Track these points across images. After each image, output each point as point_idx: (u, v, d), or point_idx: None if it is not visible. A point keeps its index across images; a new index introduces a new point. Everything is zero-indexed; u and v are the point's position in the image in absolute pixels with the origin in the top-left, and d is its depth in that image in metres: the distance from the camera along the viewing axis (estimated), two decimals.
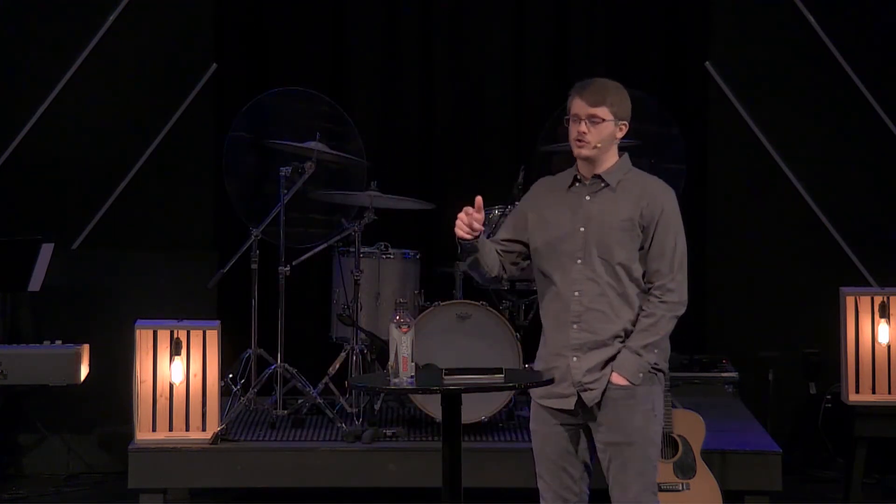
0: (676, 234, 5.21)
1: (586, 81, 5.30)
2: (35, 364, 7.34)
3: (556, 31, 8.97)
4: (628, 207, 5.19)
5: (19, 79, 8.62)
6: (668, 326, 5.18)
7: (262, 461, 7.31)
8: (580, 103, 5.24)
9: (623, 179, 5.26)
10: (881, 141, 8.70)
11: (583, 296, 5.18)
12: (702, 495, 6.67)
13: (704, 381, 8.47)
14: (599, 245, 5.17)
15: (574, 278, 5.19)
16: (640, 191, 5.22)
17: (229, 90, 8.81)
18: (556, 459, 5.27)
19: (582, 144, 5.24)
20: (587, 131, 5.23)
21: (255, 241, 7.73)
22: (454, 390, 5.00)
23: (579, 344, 5.18)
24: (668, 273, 5.17)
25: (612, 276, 5.17)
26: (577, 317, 5.18)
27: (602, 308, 5.16)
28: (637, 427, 5.16)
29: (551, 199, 5.30)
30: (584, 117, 5.23)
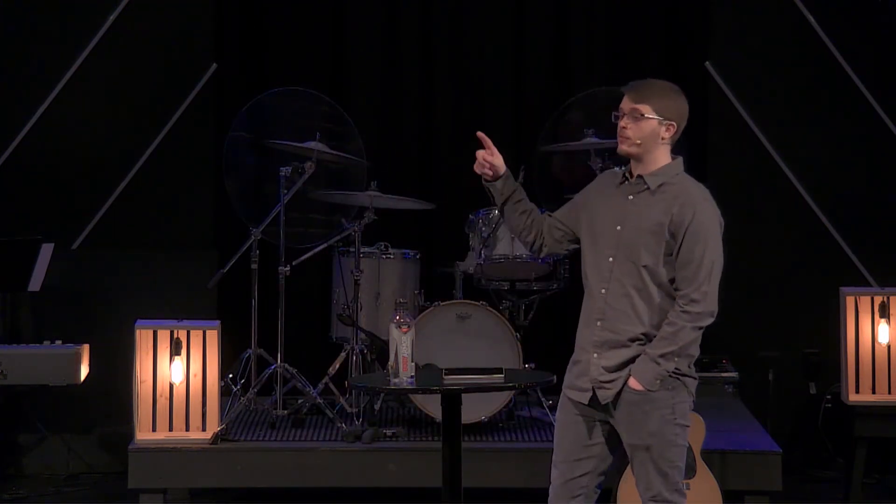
0: (706, 243, 5.14)
1: (638, 80, 5.32)
2: (35, 364, 7.34)
3: (556, 31, 8.97)
4: (661, 212, 5.16)
5: (20, 78, 8.62)
6: (690, 336, 5.13)
7: (262, 461, 7.31)
8: (626, 99, 5.27)
9: (666, 183, 5.21)
10: (881, 141, 8.69)
11: (608, 294, 5.19)
12: (702, 495, 6.67)
13: (704, 381, 8.40)
14: (629, 246, 5.17)
15: (604, 276, 5.21)
16: (675, 197, 5.18)
17: (229, 90, 8.81)
18: (570, 449, 5.26)
19: (622, 140, 5.25)
20: (627, 126, 5.24)
21: (255, 241, 7.74)
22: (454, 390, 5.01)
23: (601, 341, 5.20)
24: (692, 282, 5.12)
25: (637, 278, 5.16)
26: (602, 314, 5.20)
27: (624, 308, 5.17)
28: (652, 431, 5.14)
29: (604, 194, 5.32)
30: (626, 112, 5.25)
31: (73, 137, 8.64)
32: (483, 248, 7.70)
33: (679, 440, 5.19)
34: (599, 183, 5.41)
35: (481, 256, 7.70)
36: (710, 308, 5.13)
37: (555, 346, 8.72)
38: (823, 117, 8.75)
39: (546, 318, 8.36)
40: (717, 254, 5.17)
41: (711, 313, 5.15)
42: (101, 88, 8.65)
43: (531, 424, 7.70)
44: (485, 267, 7.75)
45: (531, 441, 7.47)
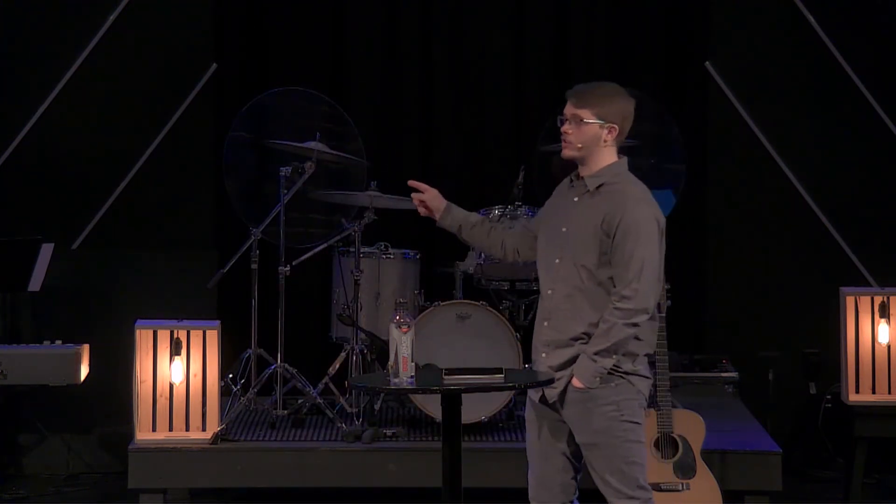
0: (637, 241, 5.23)
1: (583, 83, 5.44)
2: (35, 364, 7.34)
3: (556, 31, 8.97)
4: (597, 213, 5.29)
5: (20, 78, 8.62)
6: (623, 333, 5.21)
7: (262, 461, 7.30)
8: (568, 104, 5.39)
9: (606, 184, 5.34)
10: (881, 140, 8.69)
11: (554, 294, 5.33)
12: (702, 495, 6.67)
13: (704, 381, 8.47)
14: (573, 247, 5.30)
15: (551, 277, 5.36)
16: (611, 197, 5.30)
17: (229, 90, 8.81)
18: (538, 448, 5.40)
19: (565, 144, 5.38)
20: (569, 131, 5.35)
21: (255, 241, 7.73)
22: (454, 390, 5.01)
23: (549, 341, 5.33)
24: (624, 280, 5.22)
25: (578, 278, 5.28)
26: (549, 314, 5.34)
27: (568, 308, 5.30)
28: (597, 429, 5.24)
29: (558, 198, 5.48)
30: (568, 117, 5.36)
31: (73, 137, 8.64)
32: None
33: (631, 436, 5.26)
34: (559, 187, 5.54)
35: (481, 256, 7.71)
36: (642, 305, 5.22)
37: None
38: (824, 117, 8.75)
39: None
40: (649, 252, 5.25)
41: (645, 310, 5.23)
42: (101, 88, 8.65)
43: None
44: (485, 267, 7.75)
45: None
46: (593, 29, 8.96)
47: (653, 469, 6.63)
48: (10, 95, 8.62)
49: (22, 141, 8.61)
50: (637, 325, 5.22)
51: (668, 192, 8.15)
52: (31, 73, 8.62)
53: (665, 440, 6.69)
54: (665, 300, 6.87)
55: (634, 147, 7.92)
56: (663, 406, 6.70)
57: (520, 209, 7.70)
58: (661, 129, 8.17)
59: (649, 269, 5.23)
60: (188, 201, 8.70)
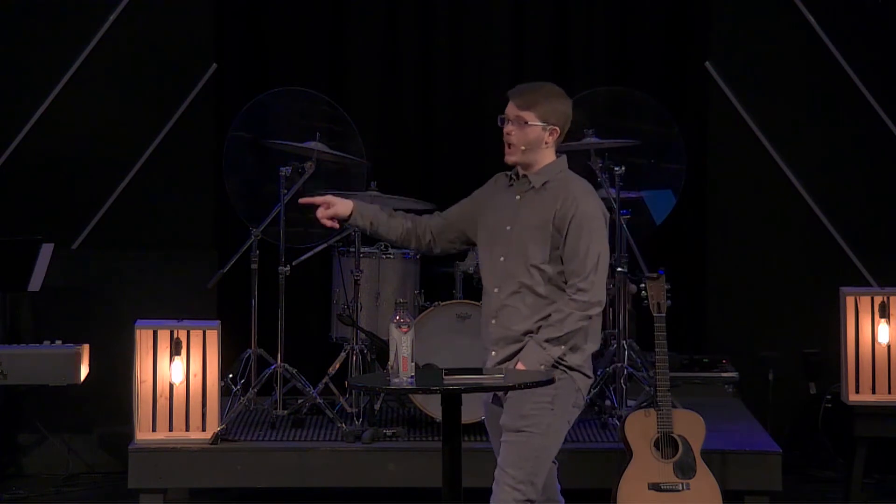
0: (591, 235, 5.32)
1: (524, 84, 5.48)
2: (35, 364, 7.33)
3: (556, 30, 8.97)
4: (547, 209, 5.35)
5: (19, 79, 8.62)
6: (576, 324, 5.30)
7: (262, 461, 7.31)
8: (510, 105, 5.43)
9: (550, 181, 5.39)
10: (881, 141, 8.69)
11: (501, 292, 5.37)
12: (702, 495, 6.67)
13: (704, 381, 8.47)
14: (519, 245, 5.35)
15: (497, 275, 5.39)
16: (559, 193, 5.36)
17: (229, 90, 8.81)
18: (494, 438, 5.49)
19: (509, 150, 5.43)
20: (511, 133, 5.40)
21: (255, 241, 7.73)
22: (454, 390, 5.00)
23: (497, 338, 5.39)
24: (580, 273, 5.29)
25: (527, 276, 5.33)
26: (496, 312, 5.38)
27: (517, 305, 5.35)
28: (524, 414, 5.28)
29: (496, 196, 5.49)
30: (511, 118, 5.40)
31: (72, 137, 8.64)
32: None
33: (553, 431, 5.31)
34: (492, 185, 5.56)
35: None
36: (597, 297, 5.31)
37: None
38: (823, 117, 8.75)
39: None
40: (602, 245, 5.35)
41: (599, 302, 5.32)
42: (100, 89, 8.65)
43: None
44: None
45: None
46: (593, 29, 8.96)
47: (653, 469, 6.64)
48: (10, 95, 8.62)
49: (22, 141, 8.61)
50: (591, 317, 5.31)
51: (668, 192, 8.15)
52: (31, 73, 8.62)
53: (665, 440, 6.69)
54: (665, 300, 6.87)
55: (634, 147, 7.96)
56: (663, 406, 6.70)
57: None
58: (661, 129, 8.17)
59: (603, 263, 5.34)
60: (188, 201, 8.70)
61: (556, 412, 5.32)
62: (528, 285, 5.33)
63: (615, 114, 8.18)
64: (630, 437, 6.71)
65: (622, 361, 7.62)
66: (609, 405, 7.65)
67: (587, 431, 7.59)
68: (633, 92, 8.31)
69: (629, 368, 7.63)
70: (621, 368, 7.61)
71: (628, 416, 6.81)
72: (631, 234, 7.65)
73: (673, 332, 7.04)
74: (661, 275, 6.91)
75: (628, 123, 8.15)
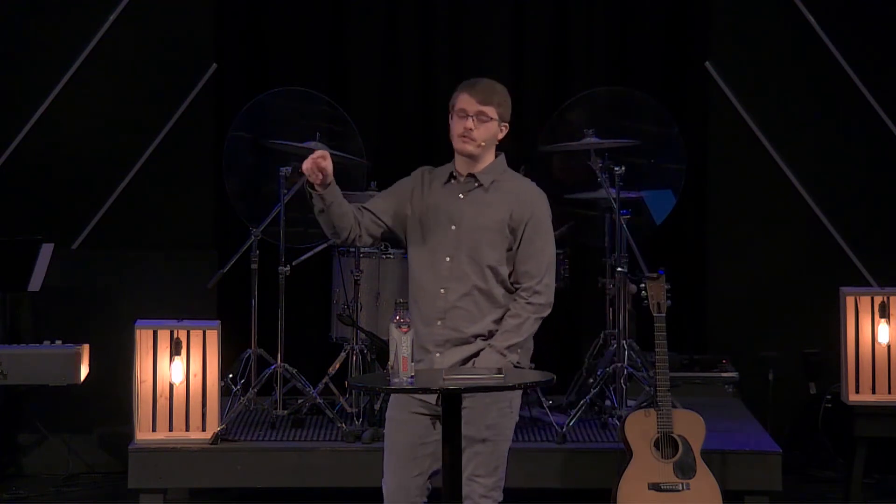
0: (545, 237, 5.32)
1: (475, 79, 5.44)
2: (35, 364, 7.33)
3: (555, 30, 8.97)
4: (500, 209, 5.30)
5: (19, 79, 8.62)
6: (533, 328, 5.31)
7: (262, 461, 7.31)
8: (469, 99, 5.38)
9: (497, 180, 5.36)
10: (881, 141, 8.70)
11: (449, 293, 5.30)
12: (702, 495, 6.67)
13: (704, 381, 8.47)
14: (469, 245, 5.28)
15: (441, 276, 5.32)
16: (512, 193, 5.33)
17: (229, 90, 8.81)
18: (406, 449, 5.35)
19: (467, 141, 5.37)
20: (474, 128, 5.35)
21: (255, 241, 7.73)
22: (454, 390, 5.00)
23: (444, 340, 5.30)
24: (536, 275, 5.28)
25: (479, 276, 5.28)
26: (443, 314, 5.29)
27: (467, 307, 5.29)
28: (490, 424, 5.28)
29: (430, 194, 5.40)
30: (472, 114, 5.36)
31: (72, 137, 8.64)
32: None
33: (510, 434, 5.34)
34: (419, 181, 5.45)
35: None
36: (550, 299, 5.33)
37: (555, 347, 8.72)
38: (823, 117, 8.75)
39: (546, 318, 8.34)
40: (553, 247, 5.36)
41: (550, 304, 5.34)
42: (101, 88, 8.65)
43: (531, 424, 7.69)
44: None
45: (531, 441, 7.47)
46: (593, 29, 8.96)
47: (653, 469, 6.64)
48: (10, 95, 8.62)
49: (22, 141, 8.61)
50: (542, 319, 5.32)
51: (668, 192, 8.15)
52: (31, 73, 8.62)
53: (665, 440, 6.69)
54: (665, 300, 6.87)
55: (634, 147, 7.96)
56: (663, 406, 6.70)
57: None
58: (661, 129, 8.17)
59: (553, 265, 5.35)
60: (188, 201, 8.70)
61: (514, 415, 5.37)
62: (480, 287, 5.28)
63: (615, 114, 8.18)
64: (630, 437, 6.71)
65: (622, 361, 7.62)
66: (609, 405, 7.65)
67: (587, 431, 7.59)
68: (633, 92, 8.31)
69: (629, 368, 7.63)
70: (621, 368, 7.61)
71: (628, 416, 6.80)
72: (631, 234, 7.64)
73: (673, 332, 7.04)
74: (661, 275, 6.91)
75: (628, 123, 8.15)
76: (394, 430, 5.40)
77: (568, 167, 8.23)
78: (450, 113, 5.42)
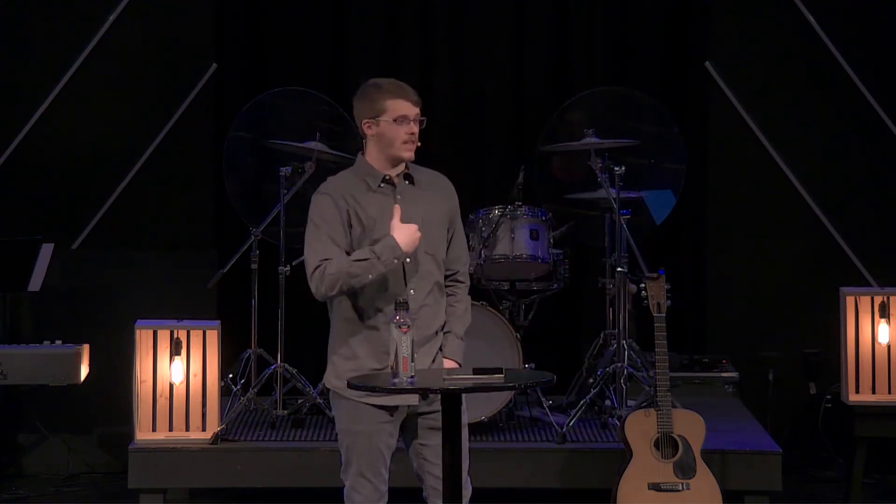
0: (460, 224, 5.48)
1: (395, 81, 5.38)
2: (35, 364, 7.33)
3: (556, 30, 8.97)
4: (442, 203, 5.37)
5: (19, 79, 8.63)
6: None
7: (262, 461, 7.31)
8: (408, 104, 5.35)
9: (421, 177, 5.41)
10: (881, 141, 8.70)
11: (418, 293, 5.30)
12: (702, 495, 6.67)
13: (704, 381, 8.47)
14: (426, 242, 5.29)
15: (411, 276, 5.30)
16: (436, 185, 5.41)
17: (229, 90, 8.81)
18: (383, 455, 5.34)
19: (412, 146, 5.35)
20: (416, 132, 5.36)
21: (255, 241, 7.74)
22: (454, 390, 5.00)
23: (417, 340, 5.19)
24: (465, 260, 5.46)
25: (438, 272, 5.35)
26: (415, 313, 5.22)
27: (431, 303, 5.34)
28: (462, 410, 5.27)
29: (364, 206, 5.31)
30: (413, 118, 5.35)
31: (72, 137, 8.64)
32: (483, 248, 7.69)
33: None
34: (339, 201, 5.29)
35: (481, 256, 7.70)
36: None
37: (555, 346, 8.73)
38: (823, 117, 8.75)
39: (546, 318, 8.36)
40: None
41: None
42: (101, 88, 8.65)
43: (531, 424, 7.70)
44: (485, 267, 7.74)
45: (531, 441, 7.47)
46: (593, 29, 8.96)
47: (653, 469, 6.64)
48: (10, 95, 8.62)
49: (22, 141, 8.61)
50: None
51: (668, 192, 8.15)
52: (31, 73, 8.62)
53: (665, 440, 6.69)
54: (665, 300, 6.87)
55: (634, 147, 7.96)
56: (663, 406, 6.70)
57: (520, 209, 7.70)
58: (661, 129, 8.17)
59: None
60: (188, 201, 8.70)
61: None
62: (438, 281, 5.36)
63: (615, 114, 8.18)
64: (630, 437, 6.71)
65: (622, 361, 7.61)
66: (609, 405, 7.64)
67: (587, 431, 7.59)
68: (633, 92, 8.31)
69: (629, 368, 7.63)
70: (621, 368, 7.60)
71: (628, 416, 6.80)
72: (631, 234, 7.64)
73: (673, 332, 7.04)
74: (661, 275, 6.90)
75: (628, 123, 8.15)
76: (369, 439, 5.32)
77: (568, 167, 8.23)
78: (371, 120, 5.31)
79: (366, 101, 5.33)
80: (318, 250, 5.25)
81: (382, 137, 5.33)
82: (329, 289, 5.27)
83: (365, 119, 5.34)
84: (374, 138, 5.36)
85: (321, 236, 5.25)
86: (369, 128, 5.34)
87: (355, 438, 5.34)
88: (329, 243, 5.24)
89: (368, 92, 5.34)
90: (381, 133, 5.32)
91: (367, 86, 5.37)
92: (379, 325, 5.27)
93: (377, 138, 5.34)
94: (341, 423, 5.40)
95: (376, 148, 5.36)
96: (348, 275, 5.20)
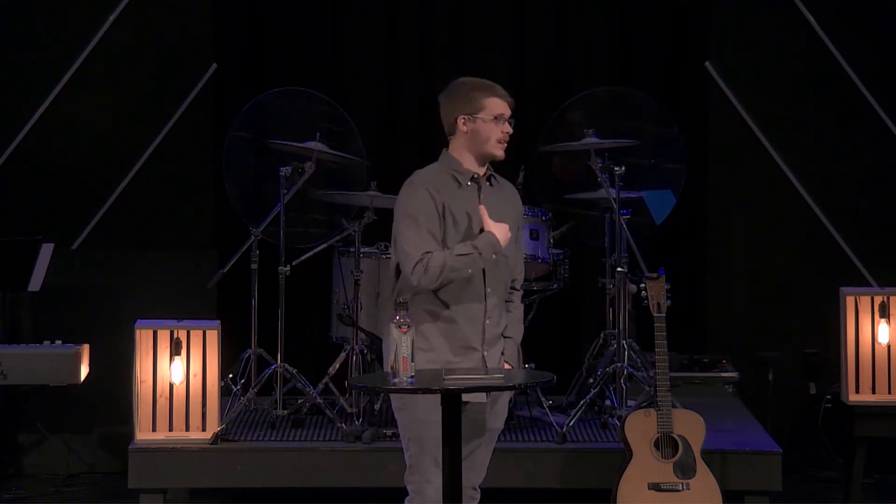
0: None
1: (487, 82, 5.39)
2: (35, 364, 7.34)
3: (556, 31, 8.97)
4: (512, 210, 5.41)
5: (20, 78, 8.63)
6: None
7: (262, 461, 7.31)
8: (504, 104, 5.37)
9: (498, 181, 5.44)
10: (881, 140, 8.70)
11: (494, 293, 5.35)
12: (702, 495, 6.67)
13: (704, 381, 8.47)
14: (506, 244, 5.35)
15: (490, 275, 5.33)
16: (511, 193, 5.46)
17: (229, 90, 8.81)
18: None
19: (504, 146, 5.37)
20: (510, 132, 5.39)
21: (255, 241, 7.73)
22: (454, 390, 5.00)
23: (490, 338, 5.35)
24: (522, 270, 5.50)
25: (507, 273, 5.40)
26: (490, 313, 5.32)
27: (499, 304, 5.39)
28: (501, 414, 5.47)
29: (453, 198, 5.34)
30: (508, 118, 5.37)
31: (72, 138, 8.64)
32: None
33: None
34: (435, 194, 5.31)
35: None
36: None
37: (555, 346, 8.73)
38: (823, 118, 8.75)
39: (546, 318, 8.36)
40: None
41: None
42: (101, 88, 8.65)
43: (531, 424, 7.70)
44: None
45: (531, 441, 7.47)
46: (593, 29, 8.96)
47: (653, 469, 6.64)
48: (10, 96, 8.62)
49: (22, 141, 8.61)
50: None
51: (668, 192, 8.15)
52: (31, 73, 8.62)
53: (665, 440, 6.69)
54: (665, 300, 6.87)
55: (634, 147, 7.96)
56: (663, 406, 6.70)
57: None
58: (661, 129, 8.17)
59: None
60: (188, 201, 8.70)
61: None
62: (506, 283, 5.41)
63: (615, 114, 8.19)
64: (630, 437, 6.71)
65: (622, 361, 7.62)
66: (609, 405, 7.64)
67: (587, 431, 7.59)
68: (633, 92, 8.31)
69: (629, 368, 7.63)
70: (621, 368, 7.61)
71: (628, 416, 6.81)
72: (631, 234, 7.64)
73: (673, 332, 7.04)
74: (661, 275, 6.91)
75: (628, 123, 8.15)
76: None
77: (568, 167, 8.23)
78: (468, 116, 5.32)
79: (462, 97, 5.34)
80: (418, 243, 5.27)
81: (477, 134, 5.33)
82: (430, 281, 5.26)
83: (462, 115, 5.33)
84: (467, 135, 5.35)
85: (420, 229, 5.28)
86: (464, 123, 5.34)
87: (431, 428, 5.24)
88: (428, 236, 5.28)
89: (465, 89, 5.35)
90: (477, 130, 5.33)
91: (461, 83, 5.38)
92: (458, 319, 5.29)
93: (471, 135, 5.34)
94: (418, 414, 5.33)
95: (468, 145, 5.36)
96: (451, 268, 5.23)
